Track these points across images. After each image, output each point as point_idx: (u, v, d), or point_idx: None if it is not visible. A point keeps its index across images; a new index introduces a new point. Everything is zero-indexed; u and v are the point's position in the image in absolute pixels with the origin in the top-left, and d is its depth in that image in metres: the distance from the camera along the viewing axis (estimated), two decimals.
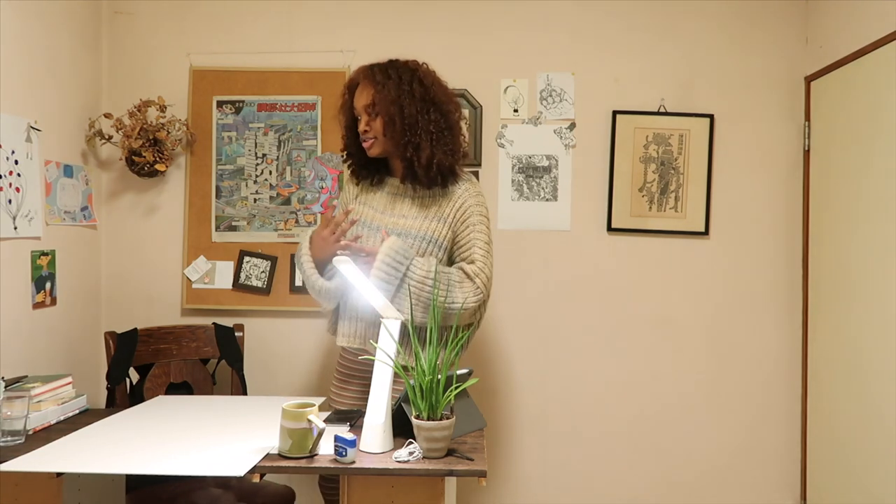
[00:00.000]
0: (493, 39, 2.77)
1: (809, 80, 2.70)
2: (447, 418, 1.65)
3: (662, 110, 2.75)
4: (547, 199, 2.77)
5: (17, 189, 2.23)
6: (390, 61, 2.07)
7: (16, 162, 2.22)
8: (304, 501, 2.66)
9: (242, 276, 2.74)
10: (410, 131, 1.99)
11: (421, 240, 2.01)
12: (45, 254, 2.37)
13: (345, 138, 2.15)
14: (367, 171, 2.14)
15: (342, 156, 2.21)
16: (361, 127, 2.05)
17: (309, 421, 1.61)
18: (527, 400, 2.79)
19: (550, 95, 2.76)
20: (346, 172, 2.23)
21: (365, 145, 2.06)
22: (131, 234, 2.78)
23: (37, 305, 2.33)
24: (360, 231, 2.07)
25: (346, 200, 2.19)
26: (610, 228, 2.76)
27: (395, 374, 1.74)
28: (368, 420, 1.70)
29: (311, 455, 1.65)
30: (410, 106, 1.99)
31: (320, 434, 1.64)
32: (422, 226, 2.02)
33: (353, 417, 1.93)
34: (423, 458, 1.63)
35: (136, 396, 2.40)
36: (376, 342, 1.80)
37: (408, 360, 1.90)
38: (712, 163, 2.75)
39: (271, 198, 2.76)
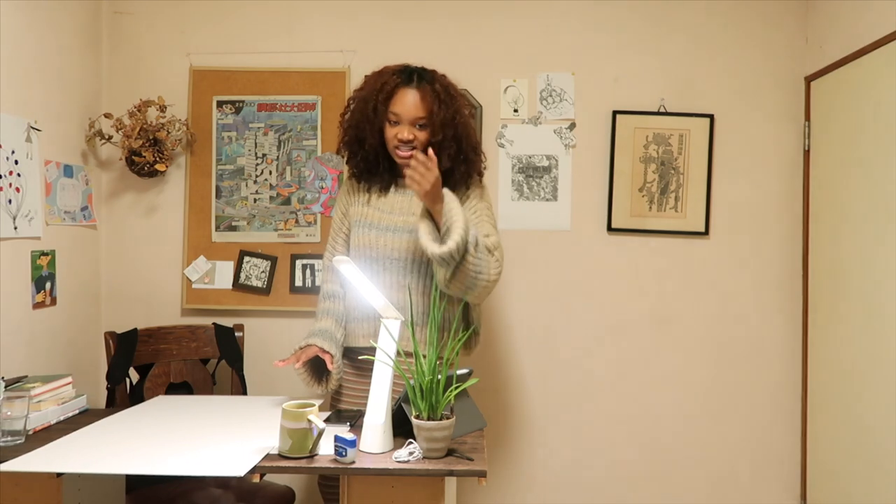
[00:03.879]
0: (493, 39, 2.77)
1: (809, 80, 2.70)
2: (447, 418, 1.65)
3: (662, 110, 2.75)
4: (547, 199, 2.77)
5: (17, 189, 2.23)
6: (430, 71, 2.07)
7: (16, 162, 2.22)
8: (304, 501, 2.66)
9: (242, 276, 2.74)
10: (467, 149, 2.06)
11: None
12: (45, 254, 2.37)
13: (366, 137, 2.06)
14: (378, 176, 2.12)
15: (343, 155, 2.19)
16: (405, 136, 2.00)
17: (309, 421, 1.62)
18: (527, 400, 2.79)
19: (550, 95, 2.76)
20: (347, 173, 2.21)
21: (403, 155, 2.02)
22: (131, 234, 2.78)
23: (37, 305, 2.33)
24: (370, 233, 2.07)
25: (350, 202, 2.17)
26: (610, 228, 2.76)
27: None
28: (368, 420, 1.70)
29: (311, 455, 1.65)
30: (466, 126, 2.06)
31: (320, 434, 1.64)
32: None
33: (353, 417, 1.93)
34: (423, 458, 1.63)
35: (136, 396, 2.40)
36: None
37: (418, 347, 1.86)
38: (712, 163, 2.75)
39: (271, 198, 2.76)
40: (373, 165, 2.11)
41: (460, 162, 2.05)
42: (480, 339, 2.25)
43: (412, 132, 2.01)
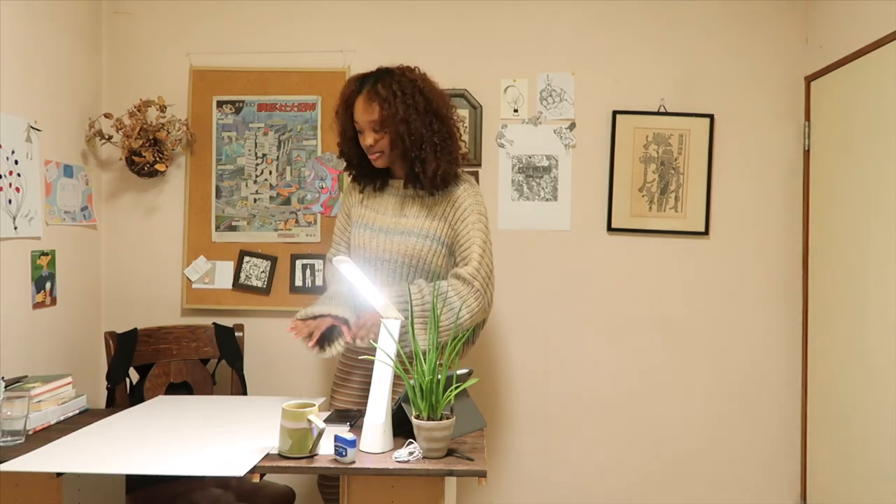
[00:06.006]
0: (493, 39, 2.77)
1: (809, 80, 2.70)
2: (447, 418, 1.65)
3: (662, 110, 2.75)
4: (547, 199, 2.77)
5: (17, 189, 2.23)
6: (387, 72, 2.07)
7: (16, 162, 2.22)
8: (304, 501, 2.66)
9: (242, 276, 2.74)
10: (417, 147, 2.02)
11: (424, 237, 2.06)
12: (45, 254, 2.37)
13: (342, 147, 2.17)
14: (370, 178, 2.17)
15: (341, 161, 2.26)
16: (367, 142, 2.05)
17: (309, 421, 1.62)
18: (527, 400, 2.79)
19: (550, 95, 2.76)
20: (347, 179, 2.27)
21: (371, 158, 2.08)
22: (131, 234, 2.78)
23: (37, 305, 2.33)
24: (364, 234, 2.12)
25: (350, 204, 2.24)
26: (610, 228, 2.76)
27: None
28: (368, 420, 1.70)
29: (311, 455, 1.65)
30: (416, 122, 2.01)
31: (320, 434, 1.64)
32: (423, 224, 2.07)
33: (353, 417, 1.93)
34: (423, 458, 1.63)
35: (136, 396, 2.40)
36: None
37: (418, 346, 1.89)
38: (712, 163, 2.75)
39: (271, 198, 2.76)
40: (359, 169, 2.17)
41: (411, 161, 2.05)
42: (476, 342, 2.25)
43: (373, 137, 2.04)
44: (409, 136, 2.01)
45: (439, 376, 1.64)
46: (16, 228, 2.22)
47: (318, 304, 2.07)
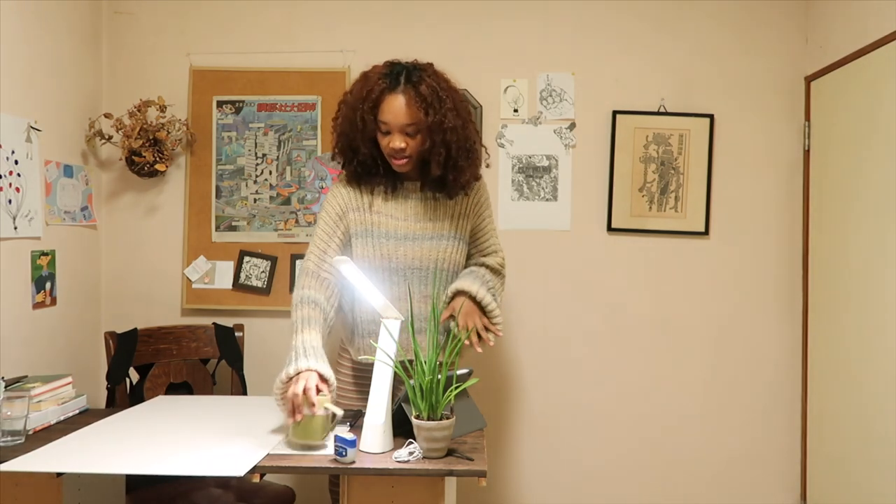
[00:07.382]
0: (493, 39, 2.77)
1: (809, 80, 2.70)
2: (447, 418, 1.65)
3: (662, 110, 2.75)
4: (547, 199, 2.77)
5: (17, 189, 2.23)
6: (419, 69, 1.92)
7: (16, 162, 2.22)
8: (304, 501, 2.66)
9: (242, 276, 2.74)
10: (457, 155, 1.93)
11: (454, 239, 2.03)
12: (45, 254, 2.37)
13: (354, 145, 1.95)
14: (383, 181, 2.00)
15: (339, 161, 2.04)
16: (397, 145, 1.88)
17: (325, 408, 1.63)
18: (527, 400, 2.79)
19: (550, 95, 2.76)
20: (343, 180, 2.04)
21: (398, 163, 1.93)
22: (131, 234, 2.78)
23: (37, 305, 2.33)
24: (387, 244, 1.97)
25: (349, 208, 2.00)
26: (610, 228, 2.76)
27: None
28: (368, 420, 1.70)
29: (320, 444, 1.66)
30: (459, 129, 1.91)
31: (334, 419, 1.67)
32: (451, 226, 2.03)
33: (353, 417, 1.93)
34: (423, 458, 1.63)
35: (136, 396, 2.40)
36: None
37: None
38: (712, 163, 2.75)
39: (271, 198, 2.76)
40: (371, 169, 1.99)
41: (449, 168, 1.94)
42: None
43: (404, 140, 1.89)
44: (455, 145, 1.90)
45: (439, 376, 1.64)
46: (16, 228, 2.22)
47: (298, 358, 1.73)
